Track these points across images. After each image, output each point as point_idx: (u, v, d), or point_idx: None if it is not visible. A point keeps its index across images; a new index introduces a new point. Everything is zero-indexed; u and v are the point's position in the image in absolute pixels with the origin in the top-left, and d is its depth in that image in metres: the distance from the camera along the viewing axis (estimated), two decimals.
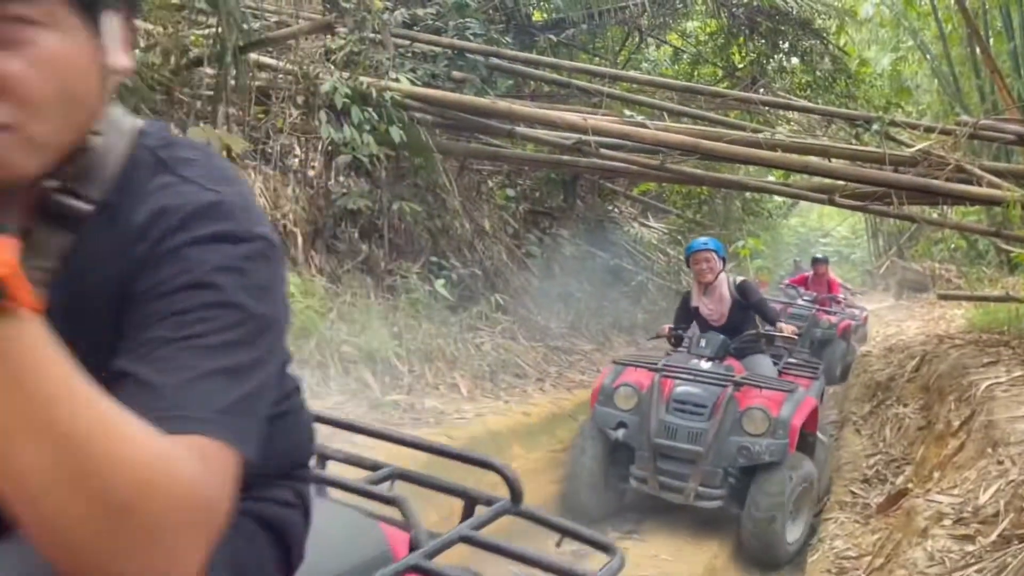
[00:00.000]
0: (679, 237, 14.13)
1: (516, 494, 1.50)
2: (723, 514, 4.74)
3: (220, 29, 5.18)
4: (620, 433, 4.72)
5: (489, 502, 1.50)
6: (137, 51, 5.56)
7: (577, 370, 7.49)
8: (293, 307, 4.63)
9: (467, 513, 1.52)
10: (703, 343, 5.10)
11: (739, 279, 5.55)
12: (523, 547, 1.39)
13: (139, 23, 5.92)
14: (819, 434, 5.36)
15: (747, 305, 5.35)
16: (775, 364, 5.56)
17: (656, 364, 5.02)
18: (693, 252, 5.44)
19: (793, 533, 4.53)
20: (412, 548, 1.31)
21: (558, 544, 1.57)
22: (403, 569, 1.20)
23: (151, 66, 5.53)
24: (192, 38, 5.73)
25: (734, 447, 4.52)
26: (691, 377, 4.84)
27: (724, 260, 5.49)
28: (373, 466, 1.62)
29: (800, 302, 10.63)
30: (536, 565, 1.35)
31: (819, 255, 12.40)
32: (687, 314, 5.60)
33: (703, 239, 5.62)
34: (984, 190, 5.41)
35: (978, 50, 10.73)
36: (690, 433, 4.58)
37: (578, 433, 5.09)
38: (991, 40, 12.20)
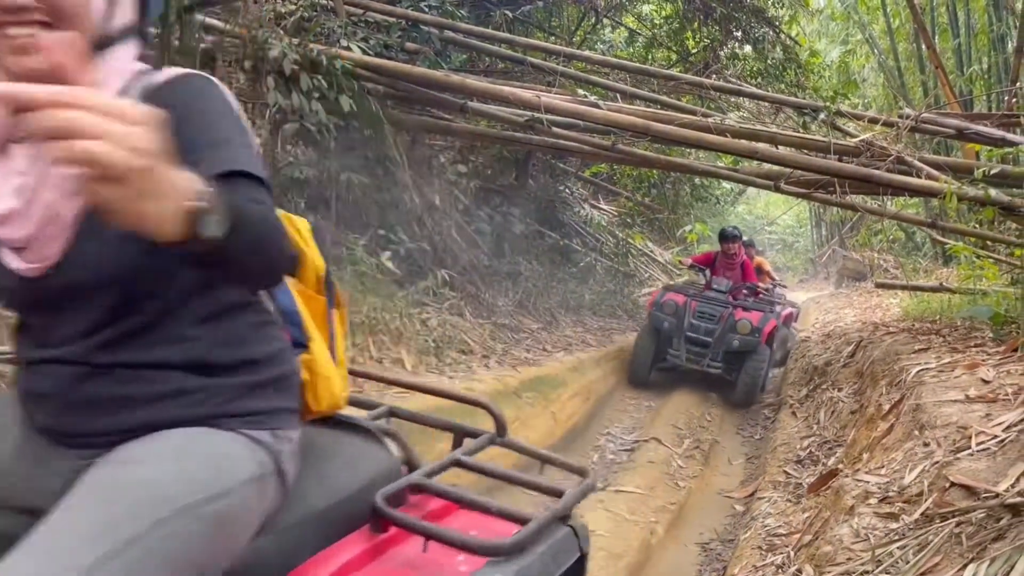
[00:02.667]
0: (628, 219, 14.24)
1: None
2: None
3: None
4: None
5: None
6: None
7: (523, 348, 7.52)
8: None
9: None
10: None
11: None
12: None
13: None
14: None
15: None
16: None
17: None
18: None
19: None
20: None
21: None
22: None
23: None
24: None
25: None
26: None
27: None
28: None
29: (710, 293, 8.39)
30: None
31: (729, 228, 9.35)
32: None
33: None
34: (923, 182, 5.55)
35: (924, 46, 10.98)
36: None
37: None
38: (937, 37, 12.50)
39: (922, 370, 4.48)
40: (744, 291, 8.61)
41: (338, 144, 6.94)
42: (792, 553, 3.28)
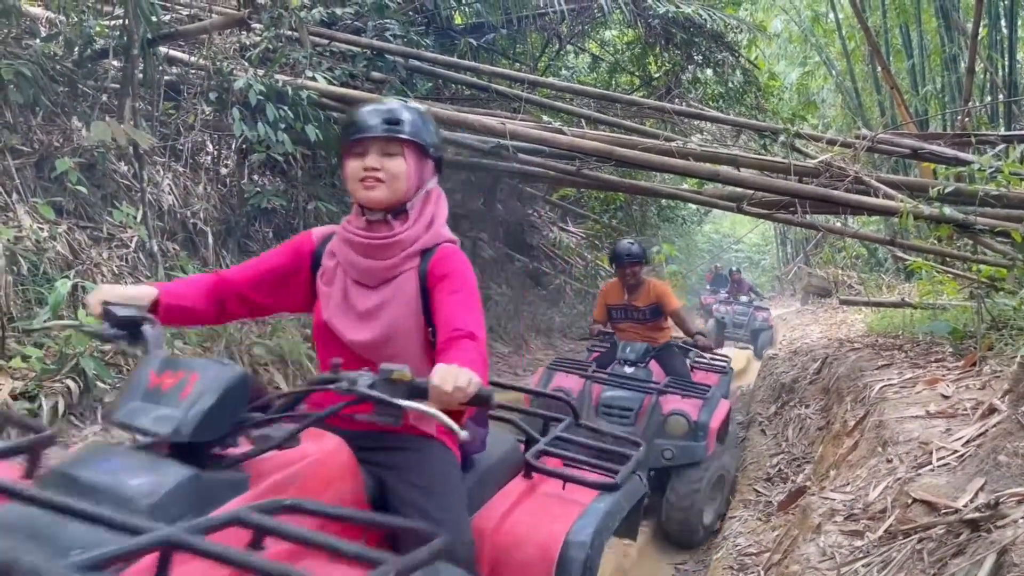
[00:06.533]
0: (596, 242, 14.36)
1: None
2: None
3: (127, 20, 5.01)
4: None
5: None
6: (38, 40, 5.34)
7: (493, 373, 7.53)
8: None
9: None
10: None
11: None
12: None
13: (40, 11, 5.69)
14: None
15: None
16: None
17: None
18: None
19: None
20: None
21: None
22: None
23: (52, 57, 5.32)
24: (97, 28, 5.53)
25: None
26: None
27: None
28: None
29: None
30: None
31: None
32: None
33: None
34: (880, 201, 5.68)
35: (879, 67, 11.27)
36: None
37: None
38: (891, 58, 12.83)
39: (885, 386, 4.57)
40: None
41: (305, 173, 6.96)
42: (762, 573, 3.32)
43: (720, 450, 5.02)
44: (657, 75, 11.38)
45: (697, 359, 6.01)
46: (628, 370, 5.11)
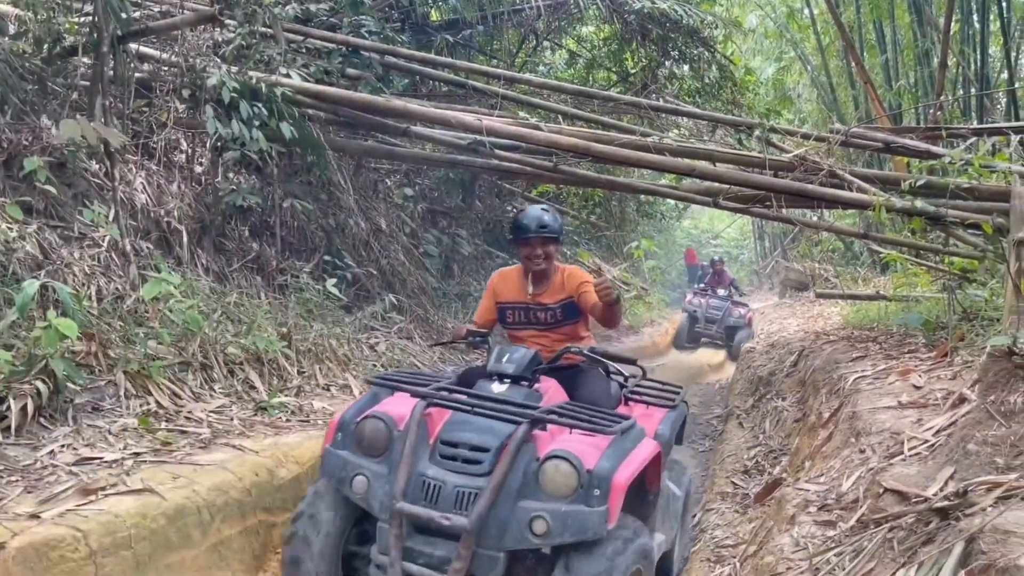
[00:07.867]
0: (575, 238, 14.38)
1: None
2: None
3: (96, 17, 4.95)
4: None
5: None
6: (6, 38, 5.26)
7: None
8: (175, 308, 4.49)
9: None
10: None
11: None
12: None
13: (9, 8, 5.60)
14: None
15: None
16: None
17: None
18: None
19: None
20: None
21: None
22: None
23: (21, 54, 5.25)
24: (67, 25, 5.45)
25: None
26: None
27: None
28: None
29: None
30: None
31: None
32: None
33: None
34: (854, 195, 5.73)
35: (853, 62, 11.36)
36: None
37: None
38: (865, 53, 12.94)
39: (859, 378, 4.62)
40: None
41: (281, 171, 6.90)
42: (738, 564, 3.34)
43: (637, 527, 2.83)
44: (634, 71, 11.40)
45: (635, 389, 3.82)
46: (499, 388, 3.15)
